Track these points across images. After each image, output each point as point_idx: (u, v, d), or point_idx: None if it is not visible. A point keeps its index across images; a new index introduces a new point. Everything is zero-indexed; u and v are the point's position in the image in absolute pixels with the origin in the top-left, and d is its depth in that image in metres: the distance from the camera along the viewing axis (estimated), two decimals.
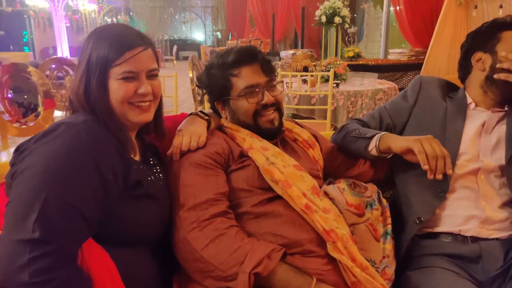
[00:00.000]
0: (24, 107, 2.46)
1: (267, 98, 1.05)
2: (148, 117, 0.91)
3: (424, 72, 5.04)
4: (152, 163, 0.98)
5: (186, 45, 17.72)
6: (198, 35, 18.80)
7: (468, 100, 1.19)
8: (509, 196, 1.08)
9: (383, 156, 1.12)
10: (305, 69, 4.08)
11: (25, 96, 2.46)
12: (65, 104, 0.90)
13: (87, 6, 12.36)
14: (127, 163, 0.84)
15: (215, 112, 1.16)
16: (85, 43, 0.87)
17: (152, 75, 0.90)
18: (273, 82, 1.08)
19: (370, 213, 1.02)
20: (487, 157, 1.11)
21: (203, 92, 1.17)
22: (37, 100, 2.39)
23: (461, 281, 0.99)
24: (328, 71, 3.00)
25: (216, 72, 1.08)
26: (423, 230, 1.11)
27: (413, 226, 1.10)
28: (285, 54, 6.80)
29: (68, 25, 8.13)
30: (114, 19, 16.29)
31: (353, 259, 0.89)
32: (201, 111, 1.12)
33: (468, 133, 1.14)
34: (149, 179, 0.90)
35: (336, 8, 4.19)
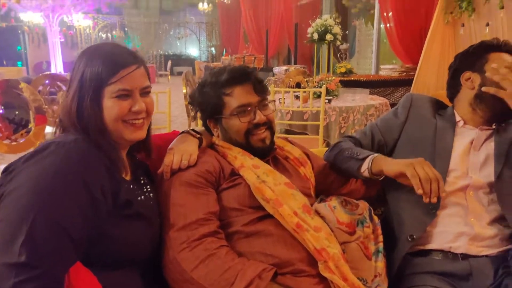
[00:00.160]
0: (15, 123, 2.44)
1: (259, 117, 1.06)
2: (142, 134, 0.92)
3: (414, 87, 5.12)
4: (143, 182, 0.97)
5: (181, 60, 17.80)
6: (193, 50, 18.93)
7: (457, 118, 1.21)
8: (498, 212, 1.09)
9: (375, 178, 1.12)
10: (298, 85, 4.12)
11: (16, 112, 2.45)
12: (56, 122, 0.90)
13: (82, 22, 12.45)
14: (117, 182, 0.83)
15: (207, 130, 1.16)
16: (76, 62, 0.87)
17: (145, 92, 0.90)
18: (265, 102, 1.09)
19: (361, 231, 1.02)
20: (475, 173, 1.12)
21: (195, 110, 1.17)
22: (28, 116, 2.38)
23: None
24: (320, 87, 3.04)
25: (209, 90, 1.09)
26: (414, 248, 1.11)
27: (405, 243, 1.10)
28: (278, 70, 6.87)
29: (62, 40, 8.16)
30: (109, 34, 16.38)
31: (344, 278, 0.88)
32: (193, 129, 1.13)
33: (457, 150, 1.15)
34: (139, 198, 0.90)
35: (328, 25, 4.27)
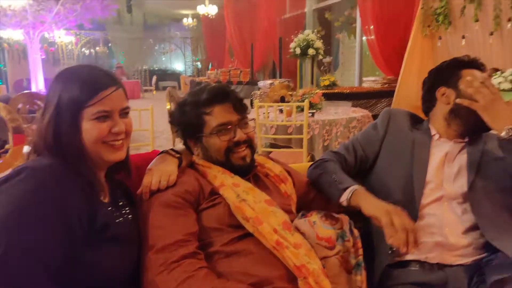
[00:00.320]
0: None
1: (239, 135, 1.07)
2: (122, 155, 0.92)
3: (396, 99, 5.23)
4: (122, 203, 0.97)
5: (166, 75, 17.72)
6: (178, 65, 18.92)
7: (432, 131, 1.25)
8: (471, 222, 1.12)
9: (353, 209, 1.11)
10: (282, 98, 4.16)
11: None
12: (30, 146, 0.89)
13: (63, 38, 12.30)
14: (94, 206, 0.83)
15: (188, 148, 1.16)
16: (52, 85, 0.87)
17: (124, 113, 0.91)
18: (245, 120, 1.11)
19: (341, 246, 1.02)
20: (449, 185, 1.16)
21: (175, 129, 1.18)
22: (6, 136, 2.33)
23: None
24: (303, 101, 3.08)
25: (189, 109, 1.10)
26: (393, 259, 1.13)
27: (386, 256, 1.12)
28: (263, 84, 6.92)
29: (43, 57, 8.06)
30: (92, 50, 16.27)
31: None
32: (172, 149, 1.13)
33: (433, 162, 1.19)
34: (117, 221, 0.90)
35: (310, 40, 4.34)
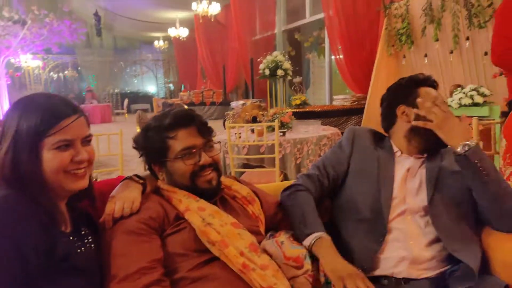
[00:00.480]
0: None
1: (204, 159, 1.07)
2: (84, 183, 0.90)
3: (366, 116, 5.39)
4: (84, 232, 0.94)
5: (139, 97, 17.54)
6: (151, 87, 18.78)
7: (394, 148, 1.29)
8: (434, 234, 1.15)
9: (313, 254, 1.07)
10: (254, 119, 4.21)
11: None
12: None
13: (30, 63, 11.93)
14: (53, 237, 0.80)
15: (152, 173, 1.15)
16: (9, 114, 0.84)
17: (86, 141, 0.90)
18: (210, 143, 1.11)
19: (309, 264, 1.02)
20: (412, 199, 1.20)
21: (140, 154, 1.16)
22: None
23: None
24: (274, 120, 3.12)
25: (153, 134, 1.09)
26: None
27: None
28: (235, 105, 7.01)
29: (9, 82, 7.82)
30: (61, 74, 15.93)
31: None
32: (136, 175, 1.12)
33: (397, 178, 1.23)
34: (79, 250, 0.87)
35: (278, 61, 4.44)
